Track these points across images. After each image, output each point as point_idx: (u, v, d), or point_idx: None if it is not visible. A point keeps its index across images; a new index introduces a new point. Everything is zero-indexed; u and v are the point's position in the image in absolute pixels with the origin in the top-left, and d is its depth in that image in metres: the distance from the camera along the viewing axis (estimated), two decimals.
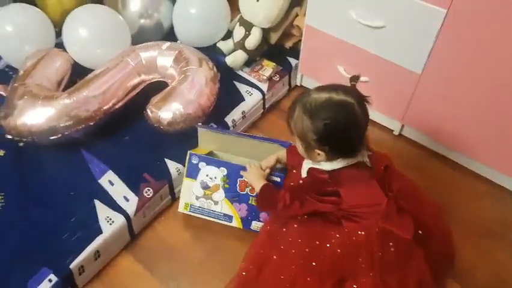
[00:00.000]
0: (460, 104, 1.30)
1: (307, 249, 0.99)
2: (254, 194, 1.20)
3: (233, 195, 1.22)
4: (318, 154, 0.95)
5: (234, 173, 1.21)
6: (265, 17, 1.54)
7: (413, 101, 1.39)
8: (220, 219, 1.25)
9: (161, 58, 1.43)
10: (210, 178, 1.22)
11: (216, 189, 1.23)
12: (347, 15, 1.35)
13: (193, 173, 1.23)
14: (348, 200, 0.96)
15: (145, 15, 1.63)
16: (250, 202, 1.22)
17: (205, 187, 1.23)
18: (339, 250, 0.97)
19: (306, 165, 1.04)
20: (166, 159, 1.33)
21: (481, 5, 1.11)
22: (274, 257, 1.03)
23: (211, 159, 1.23)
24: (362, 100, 0.92)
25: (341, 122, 0.90)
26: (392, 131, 1.55)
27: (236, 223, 1.25)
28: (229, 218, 1.25)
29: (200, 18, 1.61)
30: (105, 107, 1.34)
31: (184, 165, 1.28)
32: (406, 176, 1.12)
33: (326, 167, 0.98)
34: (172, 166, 1.32)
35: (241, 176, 1.20)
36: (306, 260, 1.00)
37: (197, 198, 1.25)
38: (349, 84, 0.96)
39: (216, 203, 1.24)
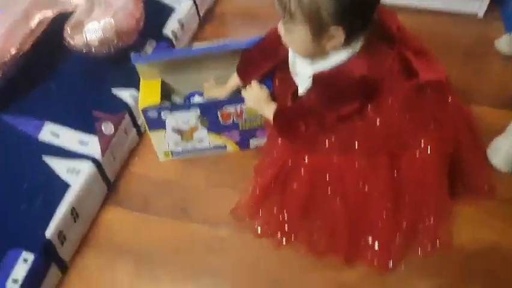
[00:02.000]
0: None
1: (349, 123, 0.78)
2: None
3: (218, 129, 0.99)
4: (333, 37, 0.68)
5: (209, 109, 0.95)
6: None
7: None
8: (212, 151, 1.04)
9: None
10: (183, 123, 0.97)
11: (195, 130, 0.99)
12: None
13: (156, 125, 0.97)
14: (375, 81, 0.74)
15: None
16: (241, 128, 1.00)
17: (180, 132, 0.99)
18: (378, 122, 0.77)
19: (309, 68, 0.77)
20: (113, 90, 1.07)
21: None
22: (306, 159, 0.82)
23: (174, 106, 0.97)
24: None
25: None
26: None
27: (231, 148, 1.04)
28: (222, 147, 1.04)
29: None
30: (5, 59, 1.03)
31: (138, 88, 1.02)
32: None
33: (337, 58, 0.72)
34: (125, 94, 1.06)
35: (221, 108, 0.95)
36: (346, 144, 0.79)
37: (175, 144, 1.01)
38: None
39: (200, 140, 1.01)
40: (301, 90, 0.80)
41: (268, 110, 0.84)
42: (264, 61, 0.90)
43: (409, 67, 0.79)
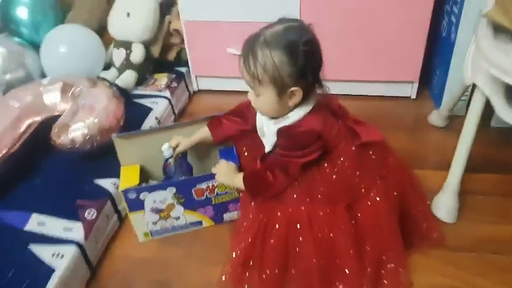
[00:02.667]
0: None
1: (311, 176, 0.93)
2: (231, 191, 1.08)
3: (192, 206, 1.09)
4: (294, 95, 0.86)
5: (184, 187, 1.06)
6: (142, 29, 1.55)
7: None
8: (189, 228, 1.13)
9: (47, 95, 1.31)
10: (160, 202, 1.06)
11: (172, 208, 1.09)
12: None
13: (136, 206, 1.06)
14: (327, 138, 0.92)
15: (9, 70, 1.49)
16: (214, 202, 1.10)
17: (158, 211, 1.08)
18: (334, 176, 0.93)
19: (273, 127, 0.93)
20: (95, 180, 1.17)
21: None
22: (279, 213, 0.94)
23: (152, 186, 1.05)
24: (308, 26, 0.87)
25: (314, 44, 0.85)
26: None
27: (207, 223, 1.14)
28: (198, 223, 1.14)
29: (72, 58, 1.53)
30: None
31: (119, 177, 1.14)
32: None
33: (295, 116, 0.89)
34: (106, 182, 1.17)
35: (195, 185, 1.06)
36: (310, 194, 0.93)
37: (154, 223, 1.10)
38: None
39: (177, 218, 1.11)
40: (268, 148, 0.96)
41: (239, 180, 0.97)
42: (234, 123, 1.06)
43: (352, 132, 0.96)
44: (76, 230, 1.04)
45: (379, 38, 1.45)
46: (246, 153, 1.05)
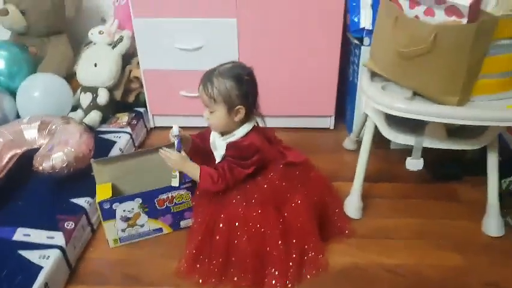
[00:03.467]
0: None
1: (248, 186, 1.24)
2: (178, 186, 1.31)
3: (155, 214, 1.34)
4: (239, 112, 1.18)
5: (148, 197, 1.31)
6: (108, 77, 1.85)
7: None
8: (151, 235, 1.39)
9: (27, 131, 1.55)
10: (128, 211, 1.31)
11: (138, 217, 1.33)
12: (172, 48, 1.78)
13: (109, 215, 1.30)
14: (263, 154, 1.25)
15: None
16: (172, 211, 1.36)
17: (127, 219, 1.32)
18: (265, 185, 1.26)
19: (223, 142, 1.24)
20: (71, 200, 1.41)
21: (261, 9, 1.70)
22: (222, 215, 1.23)
23: (122, 197, 1.29)
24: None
25: (253, 77, 1.21)
26: None
27: (166, 230, 1.40)
28: (159, 230, 1.39)
29: (44, 102, 1.78)
30: None
31: (91, 197, 1.40)
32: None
33: (240, 133, 1.22)
34: (80, 200, 1.41)
35: (157, 196, 1.32)
36: (246, 199, 1.23)
37: (123, 230, 1.34)
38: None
39: (142, 225, 1.36)
40: (218, 159, 1.28)
41: (192, 168, 1.24)
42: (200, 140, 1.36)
43: (282, 155, 1.30)
44: (57, 238, 1.26)
45: (303, 83, 1.83)
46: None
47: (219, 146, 1.27)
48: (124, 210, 1.30)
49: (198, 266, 1.25)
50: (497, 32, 1.05)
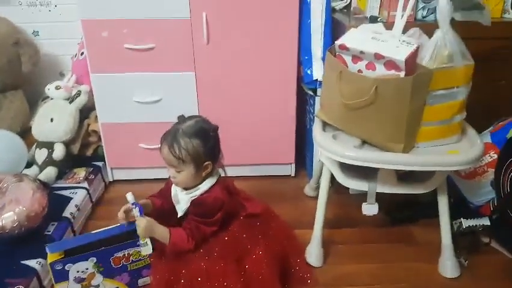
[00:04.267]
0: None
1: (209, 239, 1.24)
2: (141, 246, 1.23)
3: (110, 274, 1.29)
4: (207, 167, 1.20)
5: (103, 256, 1.26)
6: (65, 131, 1.82)
7: None
8: None
9: None
10: (82, 272, 1.25)
11: (92, 277, 1.27)
12: (131, 101, 1.80)
13: (62, 277, 1.24)
14: (228, 208, 1.26)
15: None
16: (129, 269, 1.31)
17: (81, 280, 1.26)
18: (226, 238, 1.26)
19: (186, 196, 1.23)
20: (21, 262, 1.34)
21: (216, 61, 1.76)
22: (183, 270, 1.20)
23: (76, 257, 1.23)
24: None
25: (216, 132, 1.23)
26: None
27: None
28: None
29: None
30: None
31: (43, 258, 1.33)
32: None
33: (204, 187, 1.23)
34: (32, 262, 1.34)
35: (113, 254, 1.26)
36: (209, 252, 1.22)
37: None
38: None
39: (97, 286, 1.30)
40: (180, 213, 1.26)
41: (162, 231, 1.20)
42: (160, 199, 1.34)
43: (242, 206, 1.31)
44: None
45: (262, 132, 1.88)
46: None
47: (181, 199, 1.27)
48: (77, 271, 1.25)
49: None
50: (433, 83, 1.14)
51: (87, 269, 1.26)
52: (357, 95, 1.14)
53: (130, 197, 1.21)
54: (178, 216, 1.29)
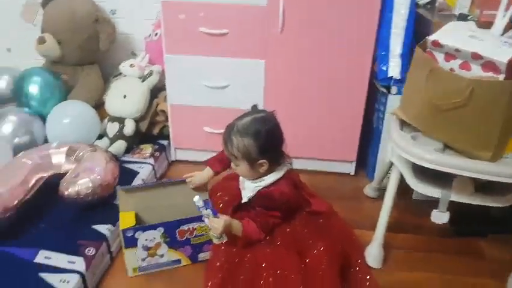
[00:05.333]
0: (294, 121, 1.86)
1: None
2: (212, 235, 1.26)
3: (175, 245, 1.34)
4: (262, 165, 1.21)
5: (170, 227, 1.31)
6: (136, 108, 1.89)
7: None
8: (169, 266, 1.38)
9: (55, 156, 1.58)
10: (150, 240, 1.31)
11: (158, 246, 1.33)
12: (199, 85, 1.83)
13: (131, 243, 1.29)
14: (294, 202, 1.28)
15: (18, 135, 1.75)
16: (192, 242, 1.36)
17: (148, 248, 1.32)
18: (288, 229, 1.28)
19: (252, 185, 1.26)
20: (92, 226, 1.41)
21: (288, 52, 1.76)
22: (248, 255, 1.23)
23: (145, 226, 1.29)
24: (272, 114, 1.26)
25: (271, 130, 1.22)
26: None
27: (185, 262, 1.39)
28: (178, 261, 1.38)
29: (72, 128, 1.82)
30: (10, 209, 1.36)
31: (112, 224, 1.40)
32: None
33: (270, 179, 1.24)
34: (102, 228, 1.41)
35: (179, 227, 1.31)
36: (272, 241, 1.25)
37: (143, 260, 1.34)
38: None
39: (161, 256, 1.35)
40: (245, 200, 1.30)
41: (236, 226, 1.23)
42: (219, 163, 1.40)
43: (306, 202, 1.32)
44: (78, 263, 1.26)
45: (327, 126, 1.85)
46: (220, 203, 1.38)
47: (247, 187, 1.30)
48: (146, 239, 1.30)
49: None
50: None
51: (154, 238, 1.31)
52: (448, 95, 1.10)
53: (199, 201, 1.20)
54: (242, 201, 1.31)
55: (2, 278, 1.20)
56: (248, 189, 1.29)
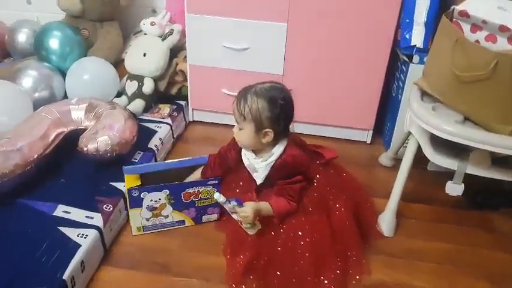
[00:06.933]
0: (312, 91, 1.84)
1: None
2: (213, 204, 1.37)
3: (179, 207, 1.36)
4: (267, 134, 1.18)
5: (176, 190, 1.32)
6: (156, 67, 1.89)
7: None
8: (173, 226, 1.41)
9: (74, 112, 1.60)
10: (155, 201, 1.32)
11: (163, 207, 1.35)
12: (219, 46, 1.81)
13: (136, 203, 1.31)
14: (308, 163, 1.27)
15: (38, 90, 1.78)
16: (197, 205, 1.38)
17: (152, 209, 1.34)
18: (315, 194, 1.28)
19: (263, 164, 1.24)
20: (111, 183, 1.45)
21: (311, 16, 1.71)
22: (284, 226, 1.23)
23: (151, 187, 1.29)
24: (289, 91, 1.23)
25: (288, 101, 1.19)
26: None
27: (188, 223, 1.42)
28: (182, 222, 1.41)
29: (92, 84, 1.83)
30: (30, 162, 1.39)
31: None
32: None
33: (278, 151, 1.22)
34: (120, 185, 1.44)
35: (184, 190, 1.33)
36: (304, 208, 1.26)
37: (147, 219, 1.37)
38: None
39: (166, 216, 1.38)
40: (259, 181, 1.29)
41: (266, 208, 1.22)
42: (218, 168, 1.39)
43: (315, 154, 1.33)
44: (96, 218, 1.30)
45: (345, 93, 1.83)
46: (237, 190, 1.37)
47: (258, 168, 1.27)
48: (151, 200, 1.32)
49: (251, 277, 1.22)
50: None
51: (160, 199, 1.33)
52: (472, 67, 1.06)
53: (220, 197, 1.19)
54: (258, 183, 1.30)
55: (22, 229, 1.25)
56: (260, 169, 1.27)
